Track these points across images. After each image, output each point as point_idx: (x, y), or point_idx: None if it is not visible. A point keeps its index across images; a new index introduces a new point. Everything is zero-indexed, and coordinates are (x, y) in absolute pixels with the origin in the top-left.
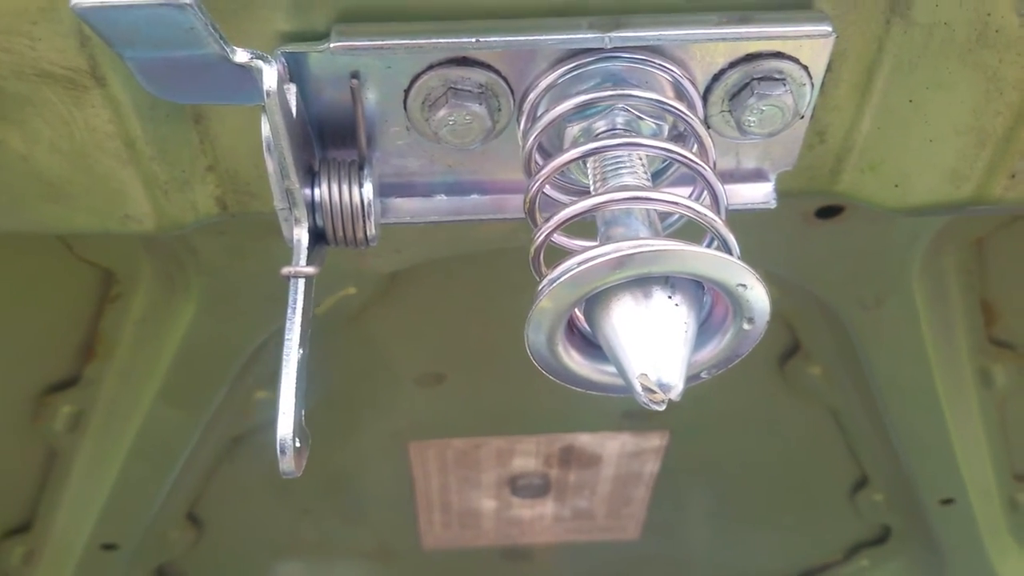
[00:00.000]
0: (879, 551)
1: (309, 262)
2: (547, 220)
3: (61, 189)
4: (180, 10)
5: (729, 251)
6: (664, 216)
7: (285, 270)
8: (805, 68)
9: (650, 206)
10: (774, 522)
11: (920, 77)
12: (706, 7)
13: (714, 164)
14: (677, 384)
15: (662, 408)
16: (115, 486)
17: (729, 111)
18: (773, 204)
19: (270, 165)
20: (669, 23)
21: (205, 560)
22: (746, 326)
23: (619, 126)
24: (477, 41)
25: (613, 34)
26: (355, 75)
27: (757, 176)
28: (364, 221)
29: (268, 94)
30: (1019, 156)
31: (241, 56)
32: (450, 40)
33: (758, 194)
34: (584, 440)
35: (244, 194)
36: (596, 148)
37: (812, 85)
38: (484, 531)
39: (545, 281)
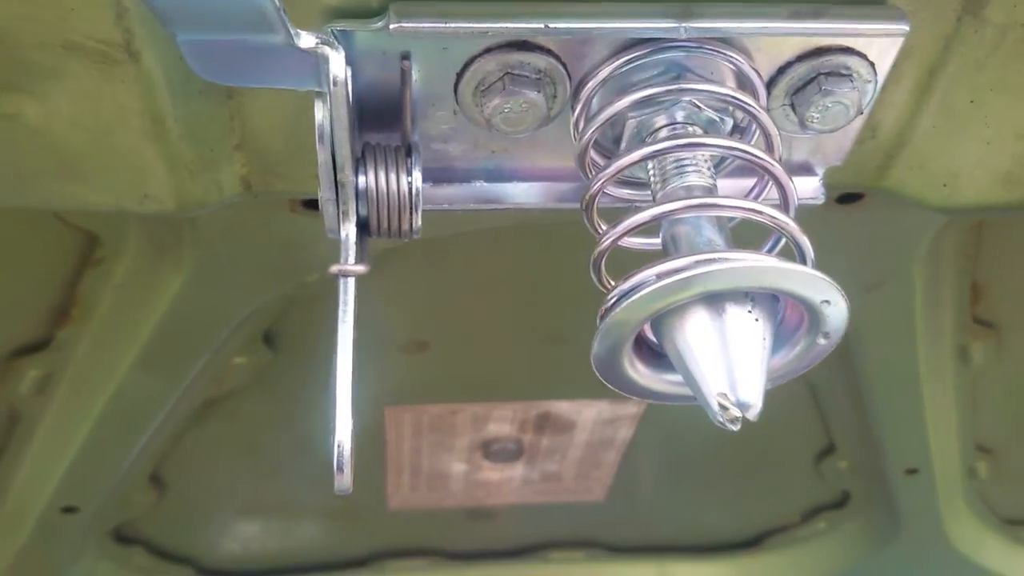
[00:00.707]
0: (837, 514)
1: (357, 259)
2: (614, 227)
3: (77, 166)
4: None
5: (804, 259)
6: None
7: (335, 268)
8: (872, 64)
9: (726, 212)
10: (737, 485)
11: (986, 78)
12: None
13: (781, 159)
14: (756, 403)
15: (737, 427)
16: (80, 450)
17: (790, 105)
18: (822, 199)
19: (321, 154)
20: (741, 14)
21: (165, 520)
22: (820, 340)
23: (682, 121)
24: (546, 27)
25: (689, 24)
26: (406, 56)
27: (805, 170)
28: (411, 212)
29: (335, 82)
30: None
31: (307, 41)
32: (517, 24)
33: (807, 189)
34: (561, 407)
35: (271, 174)
36: (663, 149)
37: (876, 82)
38: (451, 492)
39: (616, 293)
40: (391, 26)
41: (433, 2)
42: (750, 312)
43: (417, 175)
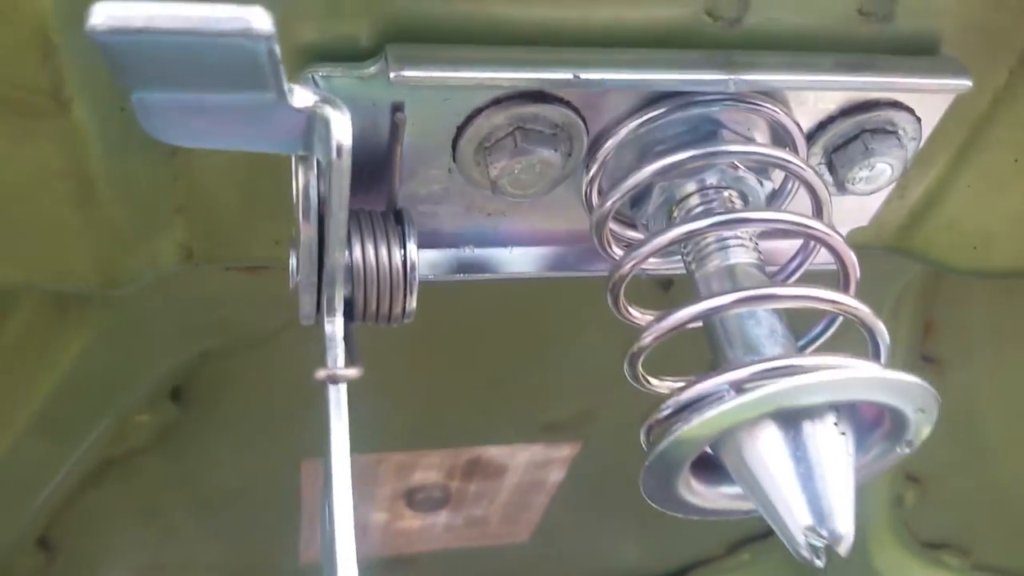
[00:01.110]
0: (761, 545)
1: (347, 357)
2: (657, 321)
3: None
4: (254, 42)
5: (879, 351)
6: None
7: (322, 374)
8: (918, 121)
9: (790, 305)
10: (663, 519)
11: None
12: (819, 46)
13: (831, 224)
14: (848, 534)
15: (823, 564)
16: None
17: (828, 164)
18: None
19: (305, 231)
20: (788, 65)
21: None
22: (902, 449)
23: (715, 185)
24: (576, 77)
25: (739, 76)
26: (399, 107)
27: None
28: (405, 293)
29: (340, 150)
30: None
31: (302, 98)
32: (540, 75)
33: (823, 255)
34: (493, 452)
35: (217, 241)
36: (708, 226)
37: (920, 140)
38: (368, 542)
39: (673, 404)
40: (392, 74)
41: (431, 46)
42: (836, 425)
43: (412, 247)
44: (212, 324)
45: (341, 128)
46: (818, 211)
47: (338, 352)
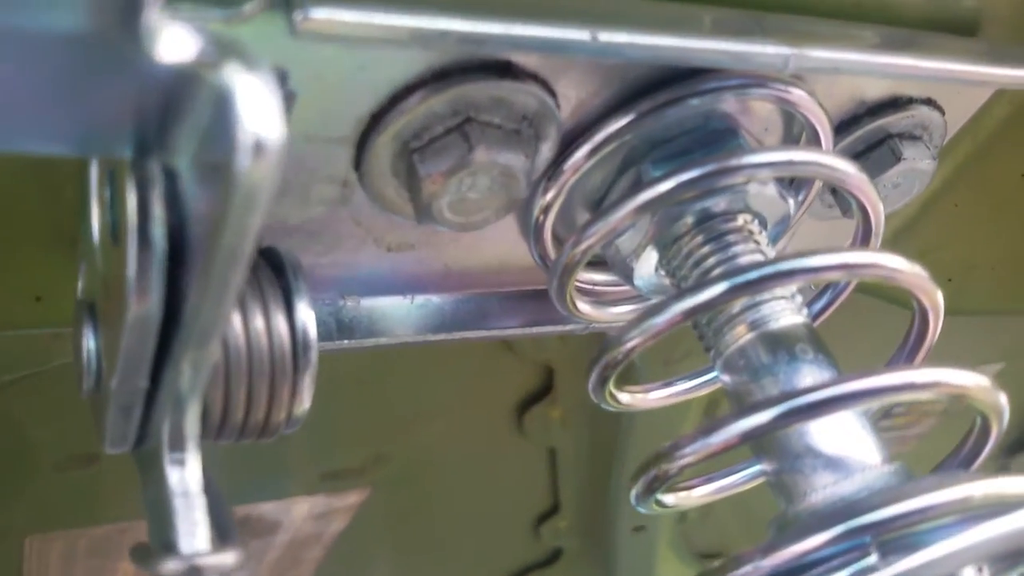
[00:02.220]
0: (546, 572)
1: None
2: (676, 450)
3: None
4: None
5: (984, 446)
6: None
7: (171, 567)
8: (945, 124)
9: (889, 398)
10: (451, 551)
11: None
12: (855, 16)
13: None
14: None
15: None
16: None
17: None
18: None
19: (138, 302)
20: (832, 37)
21: None
22: None
23: (727, 213)
24: (593, 40)
25: (802, 51)
26: (282, 77)
27: None
28: (294, 385)
29: (259, 151)
30: None
31: (177, 45)
32: (534, 31)
33: None
34: (266, 508)
35: None
36: (751, 281)
37: (940, 146)
38: None
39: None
40: (297, 17)
41: None
42: (981, 572)
43: (303, 310)
44: None
45: (263, 109)
46: (865, 238)
47: (197, 519)
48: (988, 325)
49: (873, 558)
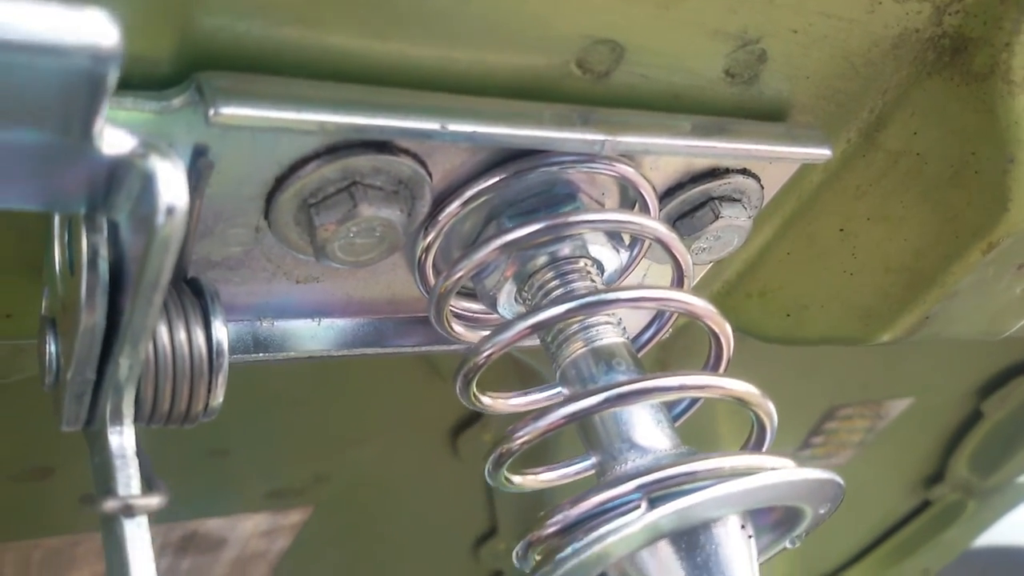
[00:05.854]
0: None
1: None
2: (515, 432)
3: None
4: (93, 63)
5: (763, 442)
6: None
7: (112, 504)
8: (762, 189)
9: (670, 396)
10: (392, 573)
11: (864, 206)
12: (677, 107)
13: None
14: None
15: None
16: None
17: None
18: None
19: (87, 318)
20: (649, 126)
21: None
22: (788, 544)
23: (570, 257)
24: (443, 128)
25: (615, 138)
26: (202, 151)
27: None
28: (210, 385)
29: (171, 213)
30: (942, 298)
31: (115, 143)
32: (398, 123)
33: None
34: (212, 525)
35: None
36: (574, 309)
37: (759, 207)
38: None
39: (560, 521)
40: (210, 111)
41: (254, 76)
42: (743, 528)
43: (219, 326)
44: None
45: (173, 185)
46: (679, 281)
47: (131, 473)
48: (894, 360)
49: (643, 507)
